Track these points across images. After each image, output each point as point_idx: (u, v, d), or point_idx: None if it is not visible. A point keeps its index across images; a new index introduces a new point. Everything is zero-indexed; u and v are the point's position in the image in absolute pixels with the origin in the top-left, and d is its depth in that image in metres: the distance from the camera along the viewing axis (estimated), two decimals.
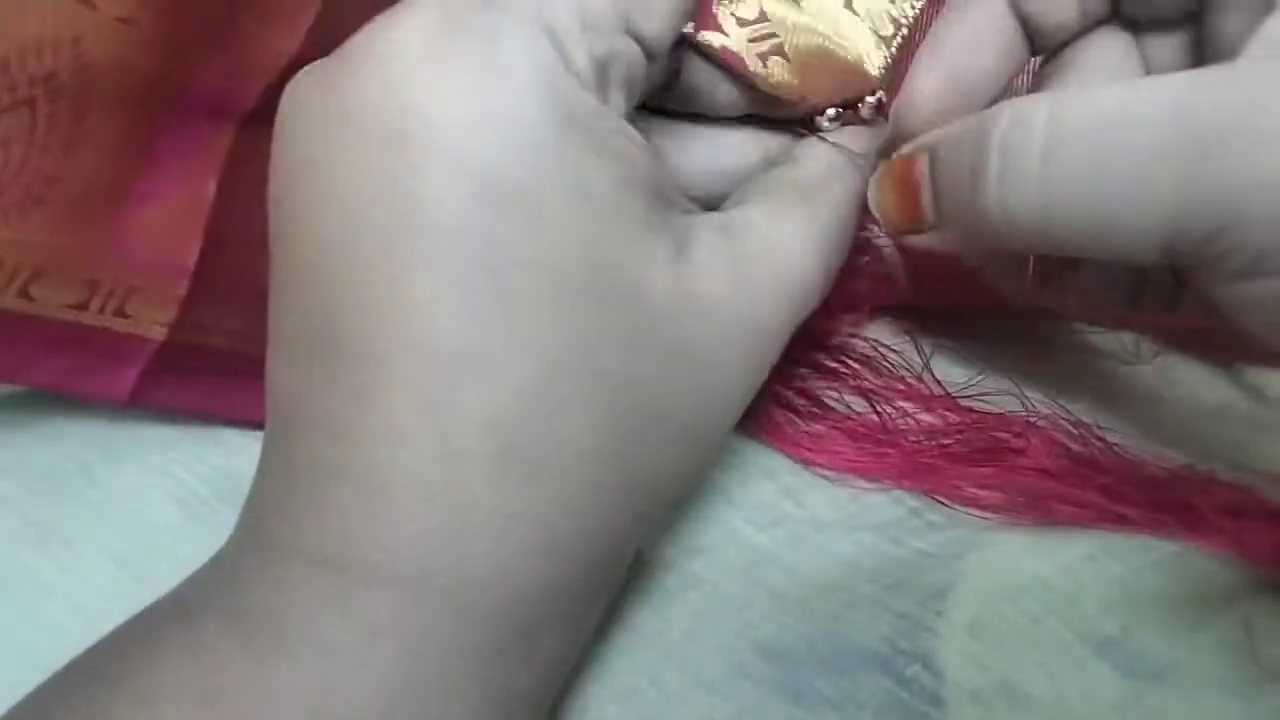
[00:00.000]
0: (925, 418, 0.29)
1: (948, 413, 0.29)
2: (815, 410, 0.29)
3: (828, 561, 0.27)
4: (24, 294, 0.27)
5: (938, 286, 0.31)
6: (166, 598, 0.20)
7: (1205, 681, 0.24)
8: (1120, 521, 0.27)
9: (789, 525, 0.28)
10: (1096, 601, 0.25)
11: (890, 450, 0.28)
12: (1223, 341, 0.31)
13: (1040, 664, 0.24)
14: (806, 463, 0.29)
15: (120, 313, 0.29)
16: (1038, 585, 0.26)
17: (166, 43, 0.26)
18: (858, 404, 0.30)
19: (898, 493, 0.28)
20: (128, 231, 0.28)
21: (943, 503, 0.28)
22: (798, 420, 0.29)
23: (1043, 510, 0.27)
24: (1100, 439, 0.28)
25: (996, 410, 0.29)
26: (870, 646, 0.25)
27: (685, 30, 0.25)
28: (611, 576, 0.23)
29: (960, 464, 0.28)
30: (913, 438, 0.28)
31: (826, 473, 0.29)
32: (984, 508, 0.27)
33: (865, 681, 0.25)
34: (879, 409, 0.29)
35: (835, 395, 0.30)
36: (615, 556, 0.22)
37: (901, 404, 0.29)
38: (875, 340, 0.31)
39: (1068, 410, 0.29)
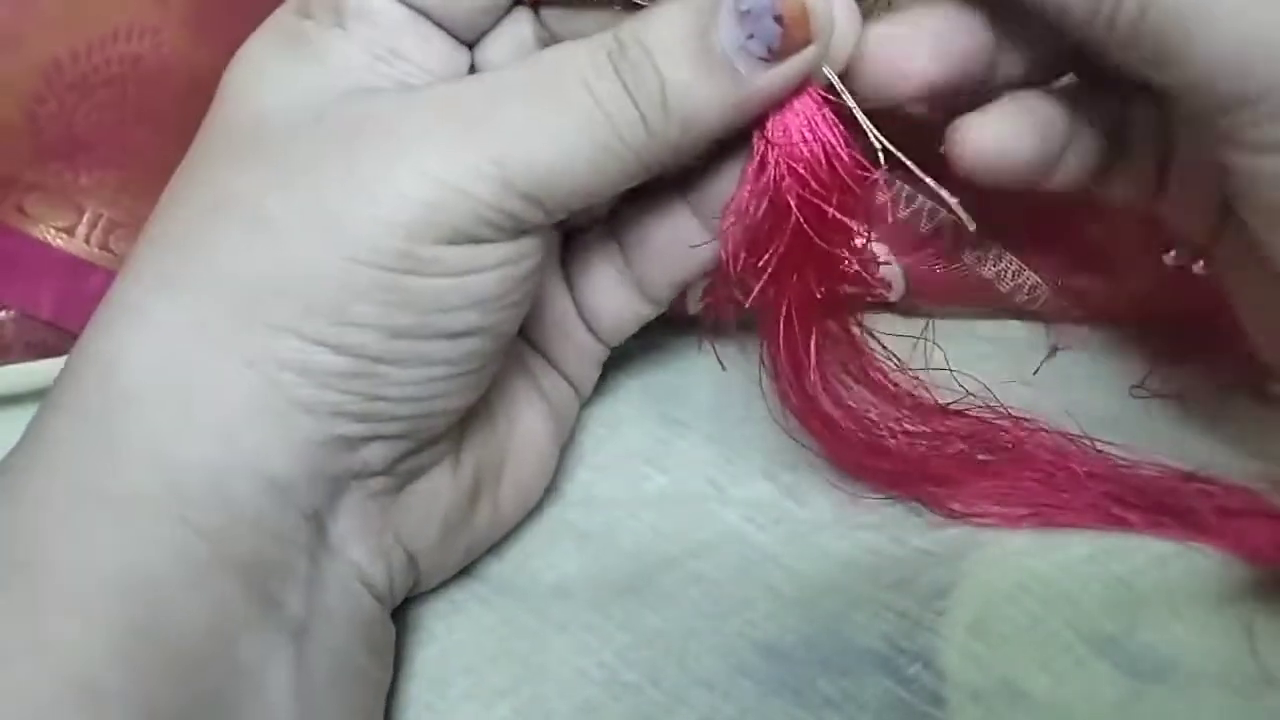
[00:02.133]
0: (926, 426, 0.29)
1: (949, 421, 0.29)
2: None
3: (828, 560, 0.27)
4: (105, 247, 0.31)
5: (936, 294, 0.32)
6: None
7: (1206, 681, 0.24)
8: (1120, 524, 0.27)
9: (789, 524, 0.28)
10: (1097, 601, 0.25)
11: (890, 458, 0.28)
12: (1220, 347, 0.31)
13: (1041, 663, 0.24)
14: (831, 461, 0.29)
15: None
16: (1038, 585, 0.26)
17: (229, 54, 0.28)
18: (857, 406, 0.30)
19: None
20: None
21: (949, 514, 0.28)
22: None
23: (1043, 515, 0.27)
24: (1099, 449, 0.28)
25: (996, 416, 0.29)
26: (871, 646, 0.25)
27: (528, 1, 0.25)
28: None
29: (961, 474, 0.28)
30: (914, 446, 0.28)
31: (828, 479, 0.29)
32: (985, 514, 0.27)
33: (866, 681, 0.25)
34: (879, 417, 0.29)
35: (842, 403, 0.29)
36: None
37: (902, 412, 0.29)
38: (876, 349, 0.31)
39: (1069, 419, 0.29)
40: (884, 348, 0.29)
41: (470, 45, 0.25)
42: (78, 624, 0.19)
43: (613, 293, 0.28)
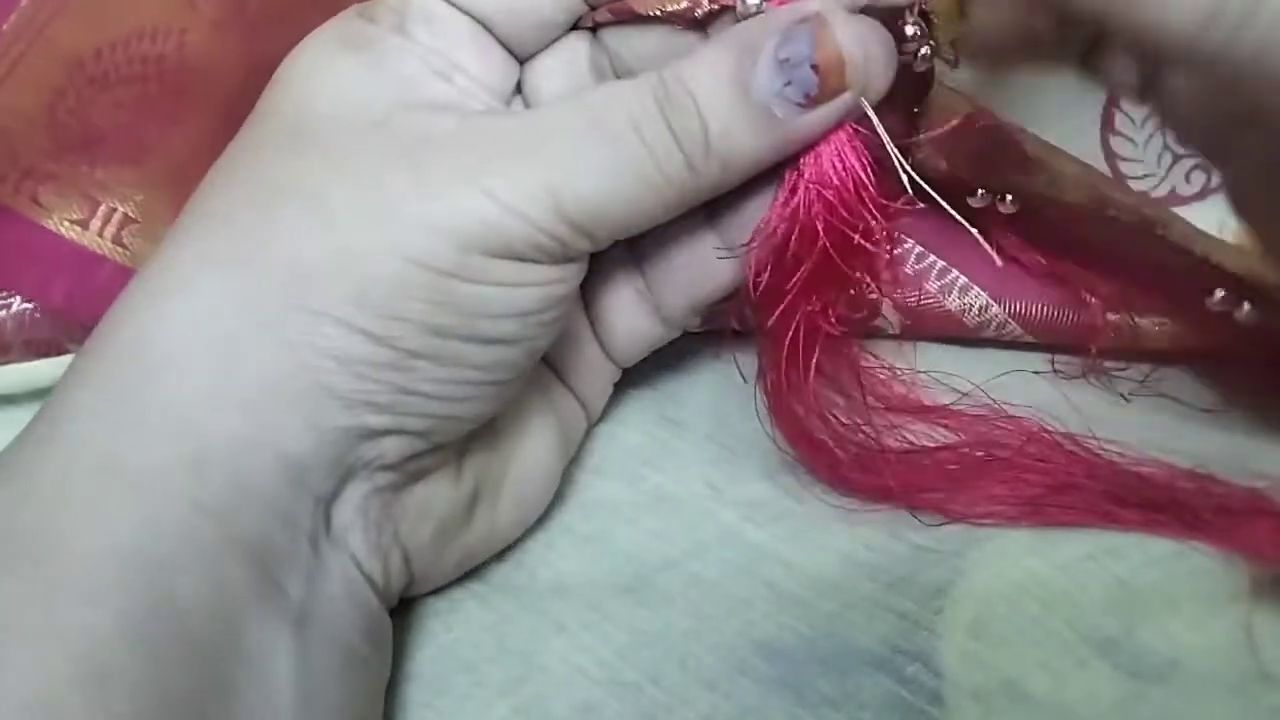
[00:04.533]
0: (922, 431, 0.29)
1: (946, 424, 0.29)
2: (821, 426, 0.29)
3: (827, 556, 0.27)
4: (118, 240, 0.31)
5: (919, 328, 0.32)
6: None
7: (1206, 681, 0.24)
8: (1120, 523, 0.27)
9: (788, 521, 0.28)
10: (1097, 601, 0.25)
11: (884, 474, 0.28)
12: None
13: (1041, 663, 0.24)
14: (816, 473, 0.29)
15: None
16: (1038, 584, 0.26)
17: (254, 55, 0.29)
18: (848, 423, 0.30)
19: None
20: None
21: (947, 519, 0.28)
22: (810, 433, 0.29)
23: (1042, 515, 0.27)
24: (1097, 450, 0.28)
25: (994, 415, 0.29)
26: (870, 646, 0.25)
27: (585, 24, 0.26)
28: None
29: (959, 482, 0.28)
30: (910, 457, 0.28)
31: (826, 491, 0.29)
32: (982, 516, 0.27)
33: (866, 681, 0.25)
34: (874, 427, 0.29)
35: (836, 414, 0.29)
36: None
37: (899, 417, 0.29)
38: (873, 358, 0.31)
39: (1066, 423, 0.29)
40: (876, 357, 0.29)
41: (521, 60, 0.26)
42: (91, 608, 0.19)
43: (630, 313, 0.29)
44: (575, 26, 0.27)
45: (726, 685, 0.25)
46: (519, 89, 0.27)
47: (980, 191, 0.29)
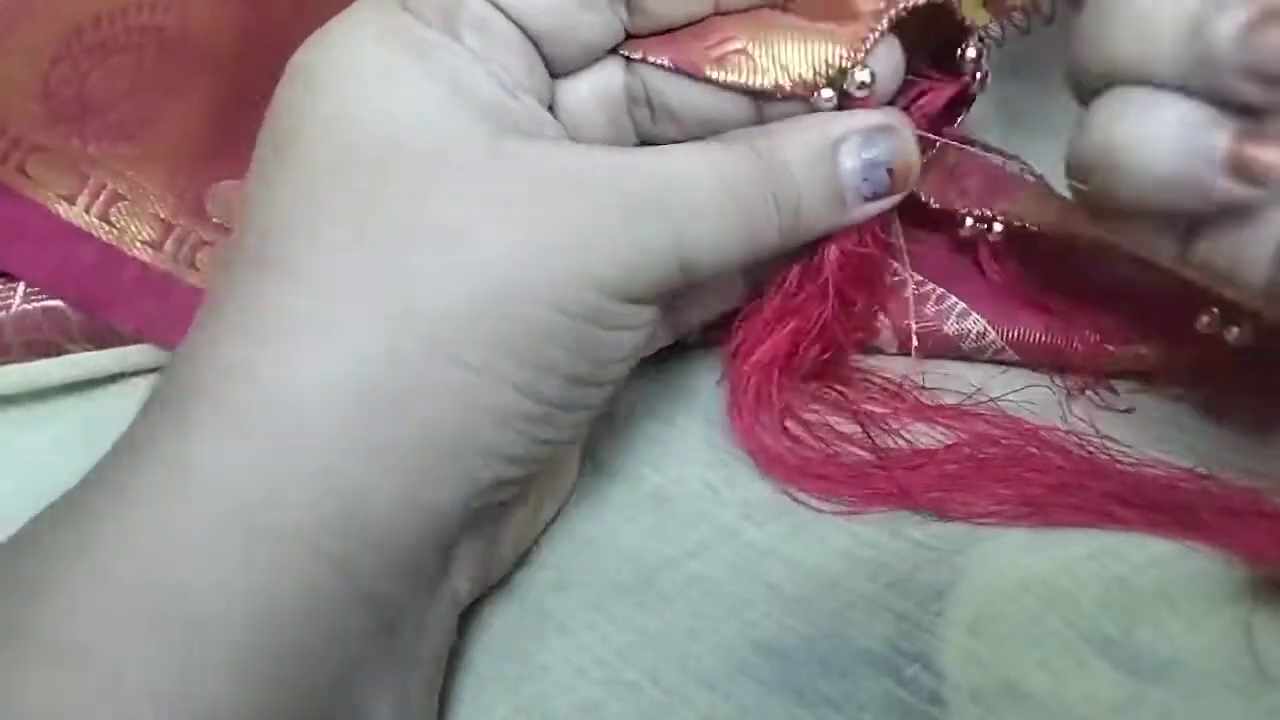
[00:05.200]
0: (921, 431, 0.29)
1: (945, 423, 0.29)
2: (811, 437, 0.29)
3: (827, 553, 0.27)
4: (105, 218, 0.31)
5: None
6: None
7: (1206, 680, 0.24)
8: (1120, 523, 0.27)
9: (788, 521, 0.28)
10: (1097, 600, 0.25)
11: (884, 479, 0.28)
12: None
13: (1041, 663, 0.24)
14: (802, 490, 0.29)
15: (192, 264, 0.32)
16: (1038, 584, 0.26)
17: (256, 29, 0.29)
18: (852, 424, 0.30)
19: None
20: (203, 194, 0.31)
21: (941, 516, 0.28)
22: (794, 448, 0.29)
23: (1040, 516, 0.27)
24: (1098, 447, 0.28)
25: (994, 415, 0.29)
26: (870, 646, 0.25)
27: (629, 53, 0.26)
28: None
29: (958, 481, 0.28)
30: (909, 463, 0.28)
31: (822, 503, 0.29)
32: (982, 516, 0.27)
33: (866, 681, 0.25)
34: (871, 433, 0.29)
35: (830, 420, 0.30)
36: None
37: (898, 420, 0.29)
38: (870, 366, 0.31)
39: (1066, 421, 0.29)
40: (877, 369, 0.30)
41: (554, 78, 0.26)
42: (220, 674, 0.19)
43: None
44: (614, 50, 0.27)
45: (726, 685, 0.25)
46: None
47: (969, 223, 0.29)
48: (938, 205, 0.30)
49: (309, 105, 0.23)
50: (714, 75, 0.26)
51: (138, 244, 0.31)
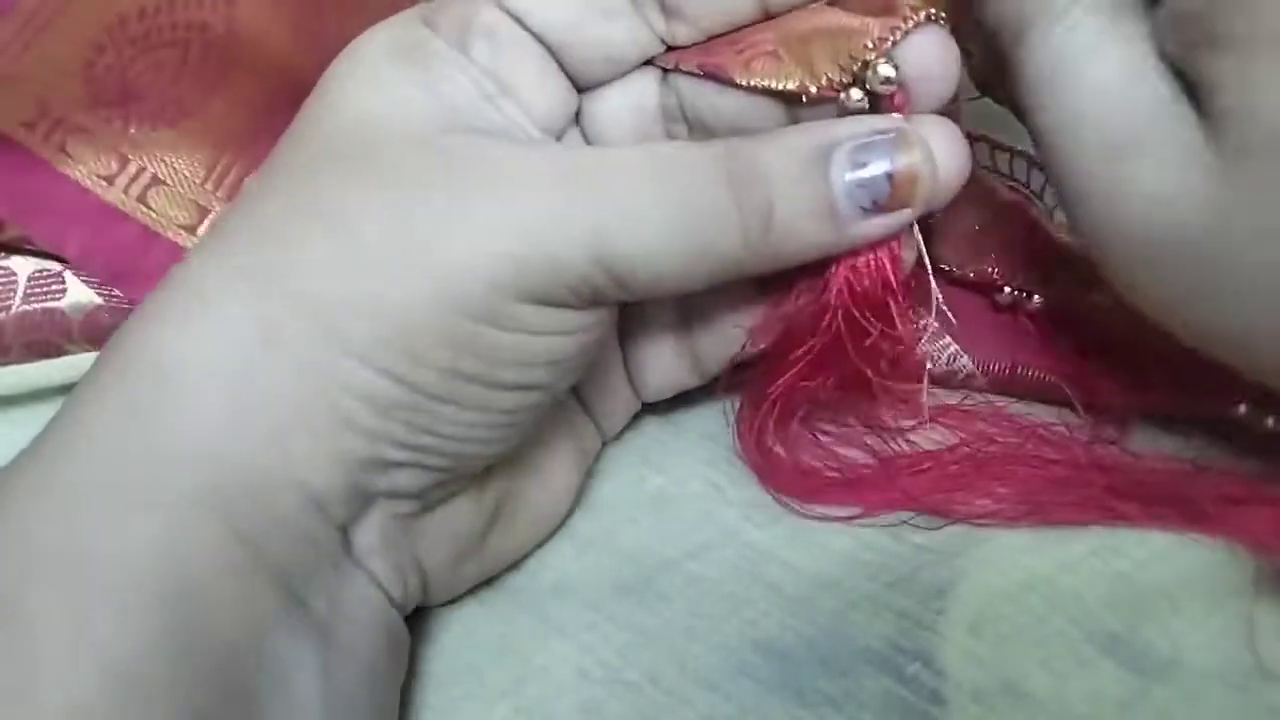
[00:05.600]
0: (921, 431, 0.29)
1: (945, 423, 0.29)
2: (815, 457, 0.29)
3: (827, 556, 0.27)
4: (143, 199, 0.31)
5: None
6: None
7: (1208, 677, 0.24)
8: (1121, 517, 0.26)
9: (788, 521, 0.28)
10: (1099, 598, 0.25)
11: (888, 486, 0.28)
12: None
13: (1043, 662, 0.24)
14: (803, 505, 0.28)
15: None
16: (1040, 582, 0.26)
17: (303, 32, 0.29)
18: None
19: None
20: (243, 181, 0.31)
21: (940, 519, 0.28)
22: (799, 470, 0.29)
23: (1042, 512, 0.27)
24: (1098, 440, 0.28)
25: (993, 413, 0.29)
26: (871, 646, 0.25)
27: (662, 63, 0.25)
28: None
29: (958, 481, 0.28)
30: (911, 467, 0.28)
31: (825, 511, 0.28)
32: (981, 515, 0.27)
33: (866, 681, 0.25)
34: (873, 441, 0.29)
35: (830, 427, 0.29)
36: None
37: (898, 421, 0.29)
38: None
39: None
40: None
41: (582, 90, 0.26)
42: (121, 618, 0.19)
43: (666, 359, 0.29)
44: (648, 62, 0.26)
45: (727, 685, 0.25)
46: (577, 119, 0.26)
47: (1006, 289, 0.29)
48: (974, 276, 0.29)
49: (308, 107, 0.24)
50: (741, 80, 0.24)
51: (174, 228, 0.31)
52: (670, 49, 0.25)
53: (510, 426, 0.23)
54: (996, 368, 0.30)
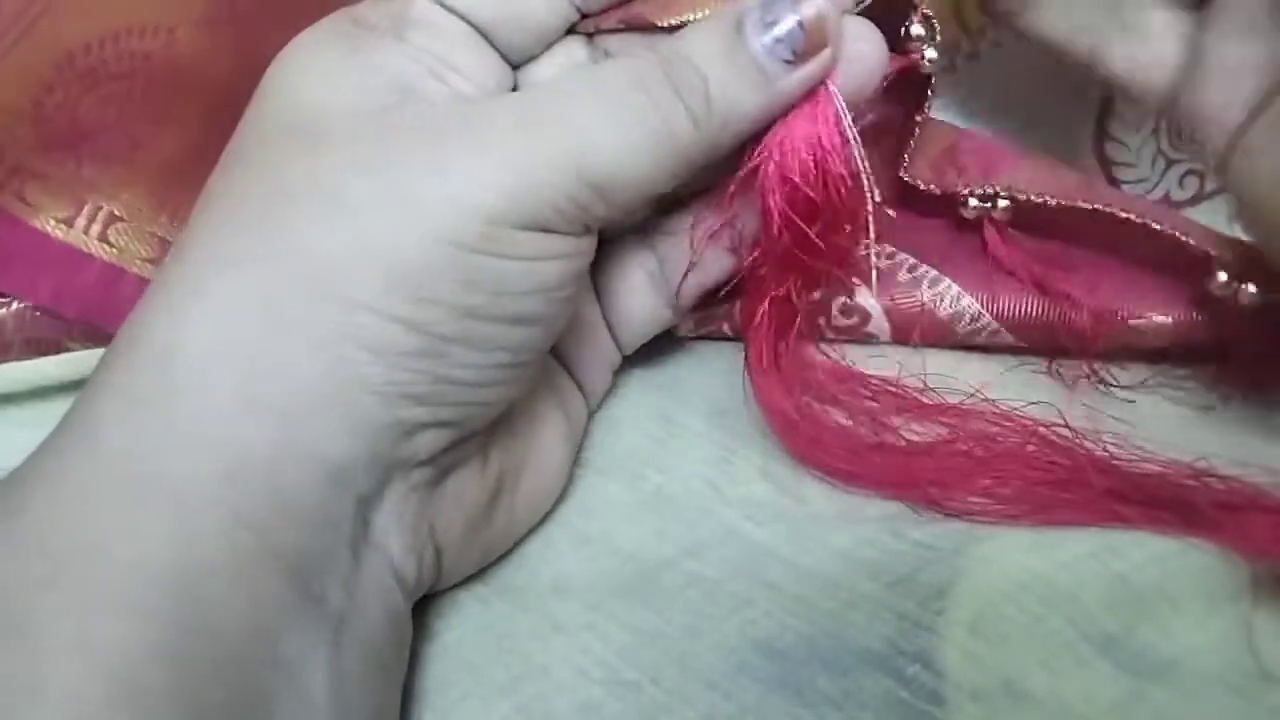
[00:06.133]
0: (924, 427, 0.29)
1: (945, 421, 0.29)
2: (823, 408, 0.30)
3: (827, 554, 0.27)
4: (104, 239, 0.31)
5: (910, 333, 0.32)
6: None
7: (1206, 679, 0.24)
8: (1121, 520, 0.27)
9: (788, 520, 0.28)
10: (1098, 599, 0.25)
11: (886, 459, 0.28)
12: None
13: (1041, 662, 0.24)
14: (805, 461, 0.29)
15: None
16: (1039, 583, 0.26)
17: (244, 53, 0.29)
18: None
19: None
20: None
21: (940, 511, 0.28)
22: (808, 417, 0.29)
23: (1041, 513, 0.27)
24: (1098, 442, 0.28)
25: (994, 414, 0.29)
26: (871, 646, 0.25)
27: (584, 29, 0.27)
28: None
29: (957, 474, 0.28)
30: (911, 449, 0.28)
31: (825, 478, 0.29)
32: (982, 512, 0.27)
33: (866, 680, 0.25)
34: (879, 420, 0.29)
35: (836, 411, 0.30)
36: None
37: (899, 417, 0.29)
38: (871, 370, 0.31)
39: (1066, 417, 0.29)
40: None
41: (515, 67, 0.27)
42: (127, 622, 0.19)
43: (642, 297, 0.30)
44: (571, 31, 0.27)
45: (726, 684, 0.25)
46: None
47: (972, 202, 0.29)
48: (938, 191, 0.30)
49: (258, 101, 0.25)
50: (662, 22, 0.26)
51: (137, 261, 0.32)
52: (585, 16, 0.27)
53: (513, 368, 0.24)
54: (1002, 307, 0.31)
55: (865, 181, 0.26)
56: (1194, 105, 0.27)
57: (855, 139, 0.26)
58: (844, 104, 0.26)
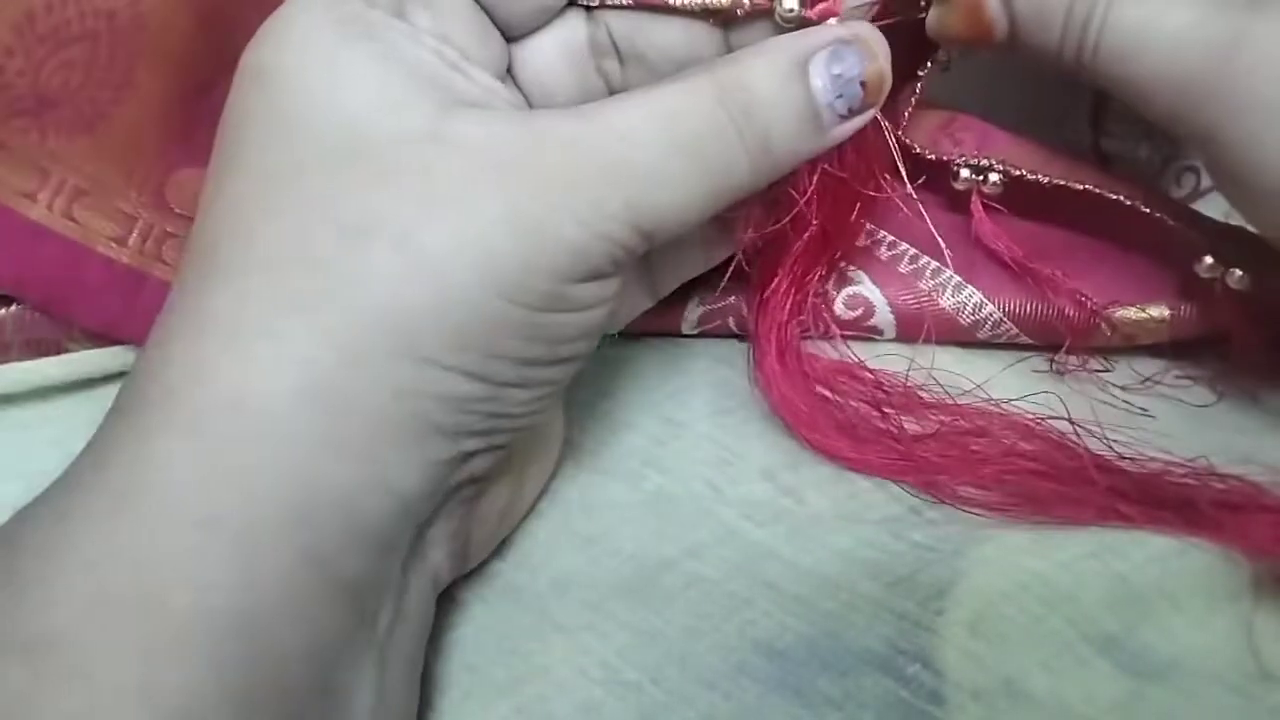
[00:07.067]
0: (928, 420, 0.29)
1: (949, 416, 0.29)
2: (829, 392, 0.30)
3: (827, 554, 0.27)
4: (69, 214, 0.30)
5: (916, 329, 0.32)
6: None
7: (1206, 679, 0.24)
8: (1121, 520, 0.27)
9: (788, 520, 0.28)
10: (1098, 599, 0.25)
11: (890, 445, 0.28)
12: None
13: (1041, 662, 0.24)
14: (810, 444, 0.29)
15: (159, 257, 0.31)
16: (1038, 583, 0.26)
17: (211, 12, 0.28)
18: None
19: (896, 490, 0.28)
20: (163, 184, 0.31)
21: (941, 500, 0.28)
22: (814, 401, 0.29)
23: (1042, 510, 0.27)
24: (1099, 440, 0.28)
25: (994, 412, 0.29)
26: (871, 646, 0.25)
27: (588, 1, 0.26)
28: None
29: (960, 463, 0.28)
30: (917, 435, 0.28)
31: (826, 463, 0.29)
32: (982, 507, 0.27)
33: (866, 680, 0.25)
34: (882, 409, 0.29)
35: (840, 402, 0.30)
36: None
37: (904, 410, 0.29)
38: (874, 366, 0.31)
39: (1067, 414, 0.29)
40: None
41: (512, 42, 0.26)
42: (187, 671, 0.19)
43: (630, 287, 0.29)
44: (570, 3, 0.26)
45: (726, 685, 0.25)
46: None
47: (964, 173, 0.29)
48: (932, 156, 0.29)
49: (259, 108, 0.23)
50: (675, 1, 0.25)
51: (102, 240, 0.30)
52: None
53: (556, 395, 0.25)
54: (1004, 298, 0.31)
55: (895, 155, 0.27)
56: None
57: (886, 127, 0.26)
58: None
